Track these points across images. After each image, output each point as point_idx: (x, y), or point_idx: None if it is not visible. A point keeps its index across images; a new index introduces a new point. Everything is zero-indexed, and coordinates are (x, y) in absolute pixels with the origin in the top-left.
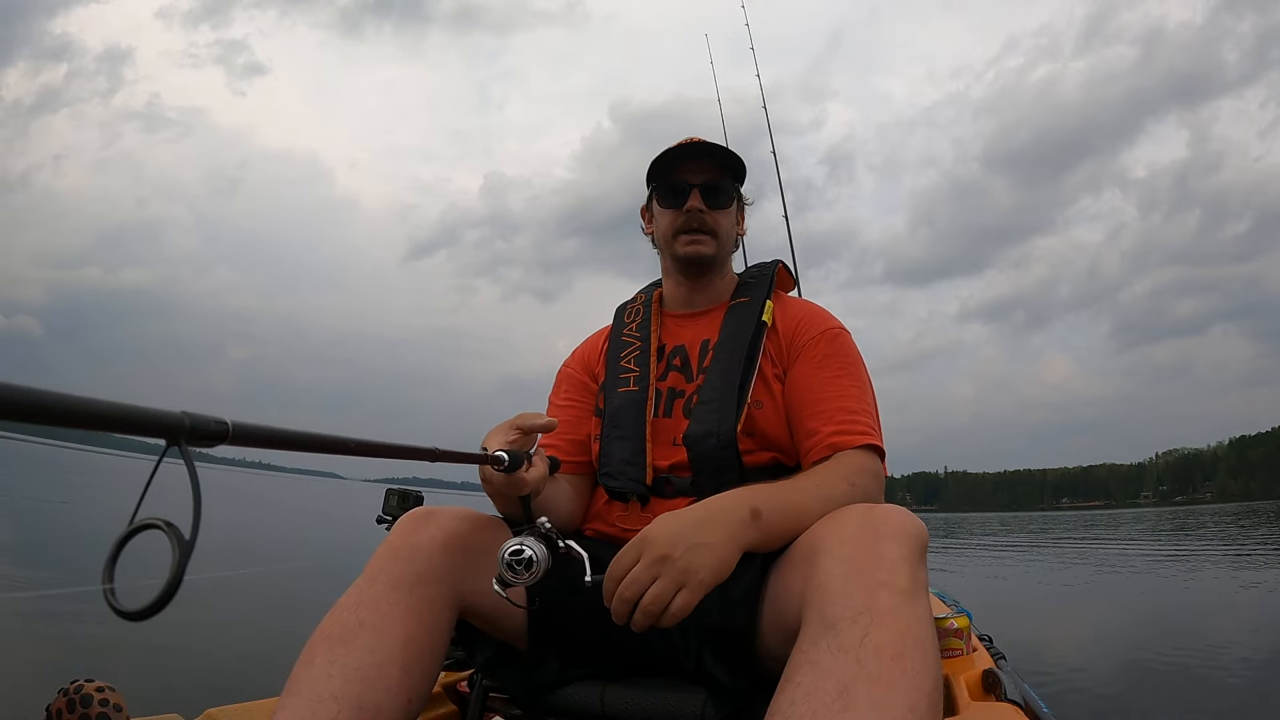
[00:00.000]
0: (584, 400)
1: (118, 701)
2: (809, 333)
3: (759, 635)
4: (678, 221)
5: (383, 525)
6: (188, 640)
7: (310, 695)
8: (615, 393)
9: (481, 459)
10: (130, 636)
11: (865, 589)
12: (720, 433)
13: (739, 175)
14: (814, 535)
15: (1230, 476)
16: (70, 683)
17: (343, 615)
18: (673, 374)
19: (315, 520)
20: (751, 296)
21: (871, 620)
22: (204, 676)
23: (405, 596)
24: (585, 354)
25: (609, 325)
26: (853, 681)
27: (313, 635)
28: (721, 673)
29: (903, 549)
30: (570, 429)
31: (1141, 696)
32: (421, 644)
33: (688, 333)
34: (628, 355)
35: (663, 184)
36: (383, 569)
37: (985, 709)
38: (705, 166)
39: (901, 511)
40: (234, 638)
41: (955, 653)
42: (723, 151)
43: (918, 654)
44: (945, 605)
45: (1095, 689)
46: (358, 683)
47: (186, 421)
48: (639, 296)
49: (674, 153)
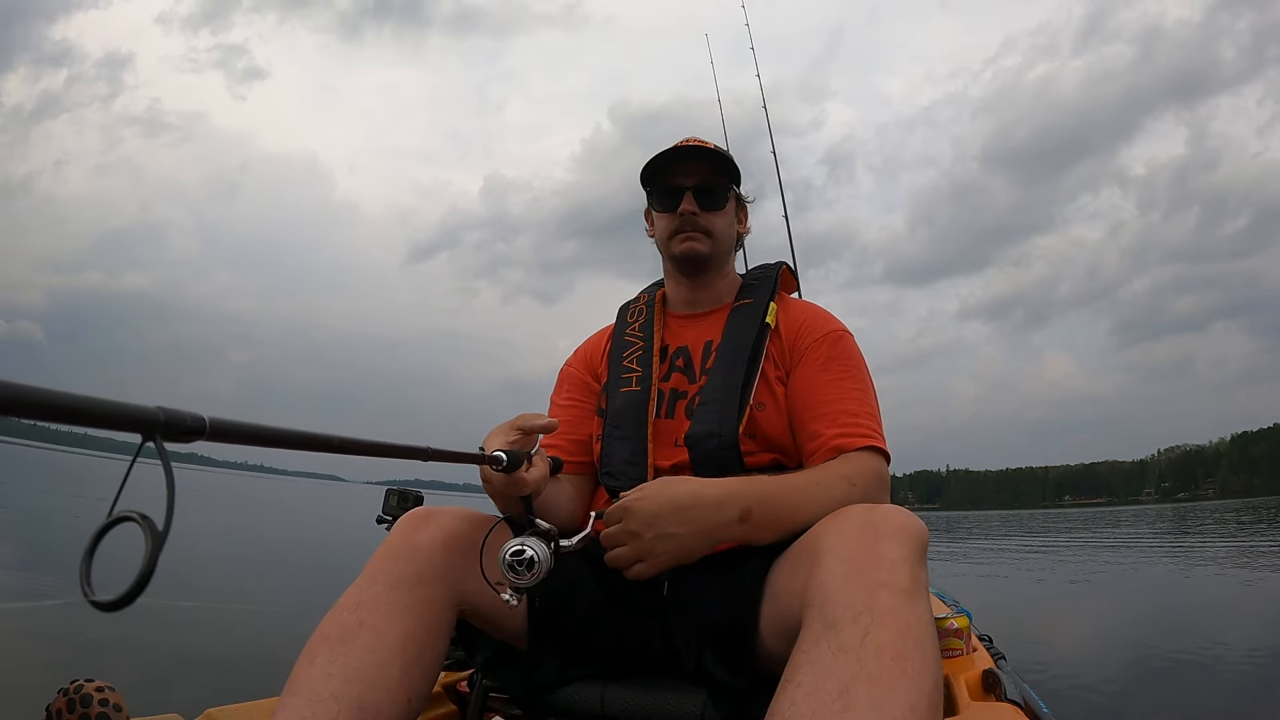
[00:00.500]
0: (586, 400)
1: (117, 701)
2: (812, 335)
3: (759, 635)
4: (673, 224)
5: (382, 525)
6: (188, 640)
7: (310, 695)
8: (618, 393)
9: (479, 459)
10: (130, 637)
11: (866, 589)
12: (722, 434)
13: (734, 175)
14: (815, 535)
15: (1233, 473)
16: (70, 683)
17: (343, 615)
18: (676, 375)
19: (314, 522)
20: (755, 298)
21: (872, 620)
22: (204, 676)
23: (405, 596)
24: (588, 353)
25: (611, 325)
26: (853, 681)
27: (313, 635)
28: (722, 672)
29: (903, 549)
30: (572, 429)
31: (1142, 695)
32: (421, 644)
33: (691, 333)
34: (630, 355)
35: (656, 188)
36: (383, 569)
37: (985, 709)
38: (698, 168)
39: (902, 512)
40: (233, 638)
41: (955, 653)
42: (713, 153)
43: (918, 654)
44: (945, 605)
45: (1096, 688)
46: (358, 682)
47: (161, 416)
48: (642, 296)
49: (666, 156)
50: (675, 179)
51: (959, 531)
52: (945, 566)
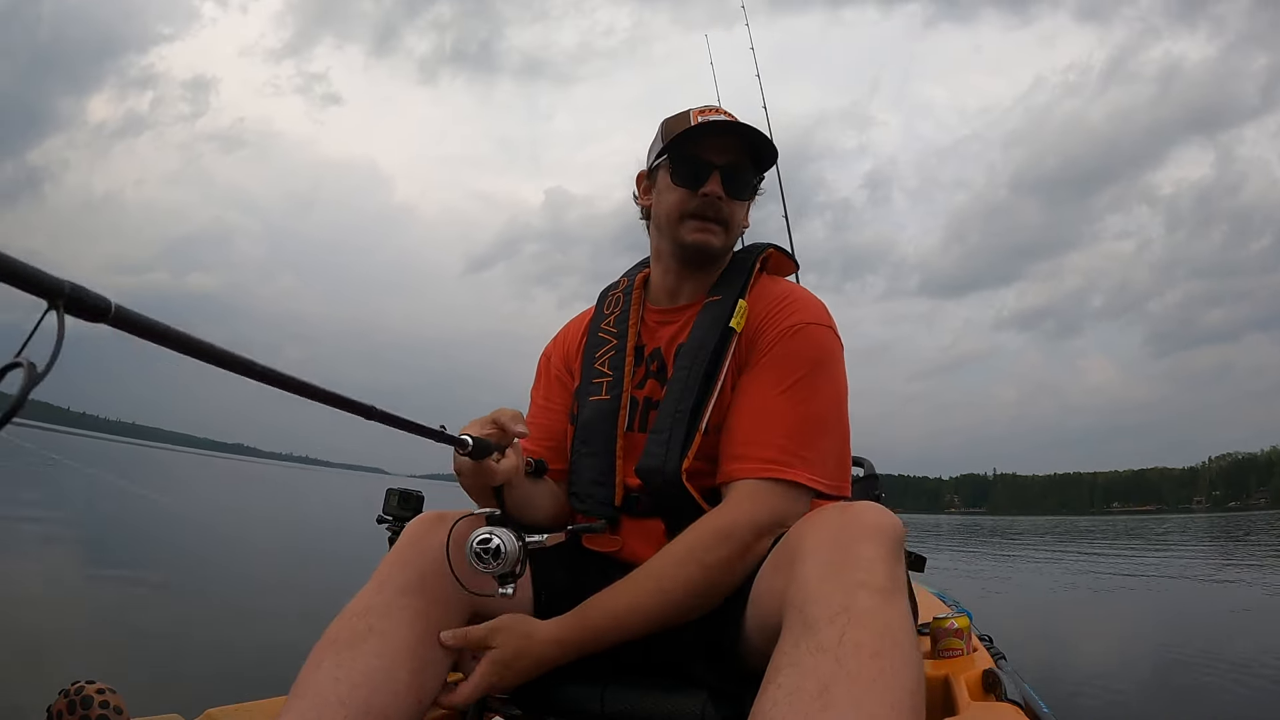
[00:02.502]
0: (564, 399)
1: (118, 704)
2: (772, 329)
3: (745, 638)
4: (689, 204)
5: (382, 525)
6: (188, 640)
7: (317, 699)
8: (587, 401)
9: (441, 436)
10: (131, 637)
11: (843, 589)
12: (665, 470)
13: (761, 164)
14: (793, 537)
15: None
16: (71, 684)
17: (351, 620)
18: (651, 381)
19: (342, 514)
20: (724, 294)
21: (849, 620)
22: (204, 676)
23: (414, 601)
24: (566, 341)
25: (593, 308)
26: (833, 680)
27: (320, 639)
28: (713, 677)
29: (879, 548)
30: (548, 435)
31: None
32: (430, 649)
33: (666, 332)
34: (603, 356)
35: (680, 156)
36: (392, 574)
37: (985, 709)
38: (730, 145)
39: (878, 510)
40: (234, 638)
41: (955, 653)
42: (752, 131)
43: (896, 652)
44: (945, 605)
45: (1102, 693)
46: (365, 687)
47: (67, 288)
48: (621, 282)
49: (700, 128)
50: (706, 153)
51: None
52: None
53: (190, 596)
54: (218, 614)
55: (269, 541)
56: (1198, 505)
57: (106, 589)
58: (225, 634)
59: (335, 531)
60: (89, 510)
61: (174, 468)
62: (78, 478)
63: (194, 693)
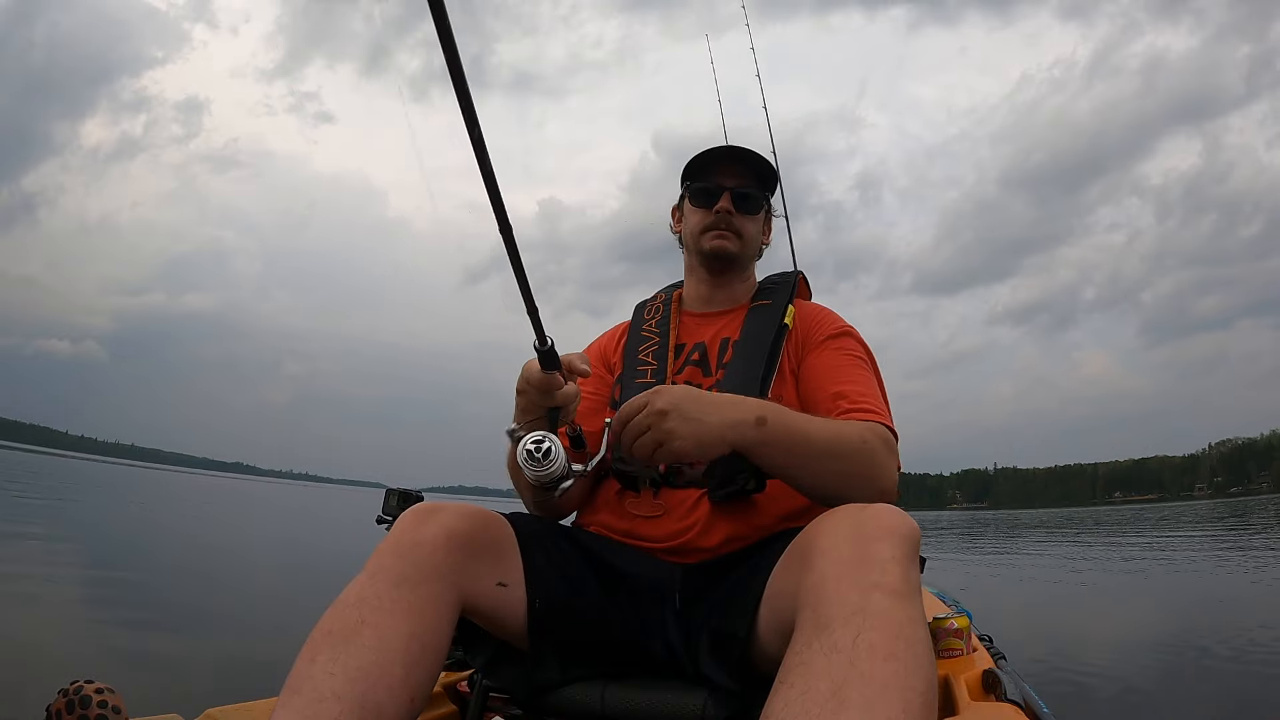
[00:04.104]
0: (599, 392)
1: (117, 703)
2: (822, 331)
3: (757, 637)
4: (707, 220)
5: (383, 526)
6: (188, 640)
7: (311, 694)
8: (632, 384)
9: (537, 322)
10: (131, 637)
11: (858, 590)
12: None
13: (768, 185)
14: (808, 536)
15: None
16: (70, 683)
17: (344, 611)
18: (689, 368)
19: (335, 529)
20: (773, 300)
21: (864, 621)
22: (204, 676)
23: (408, 594)
24: (603, 347)
25: (627, 321)
26: (845, 682)
27: (313, 631)
28: (721, 675)
29: (895, 549)
30: (585, 419)
31: (1148, 696)
32: (424, 642)
33: (707, 330)
34: (646, 350)
35: (696, 184)
36: (384, 565)
37: (985, 709)
38: (739, 172)
39: (894, 511)
40: (234, 638)
41: (955, 653)
42: (755, 157)
43: (910, 654)
44: (945, 605)
45: (1102, 693)
46: (359, 682)
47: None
48: (659, 295)
49: (710, 155)
50: (717, 179)
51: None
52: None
53: (190, 597)
54: (217, 614)
55: (268, 548)
56: (1200, 492)
57: (106, 589)
58: (224, 634)
59: (333, 539)
60: (89, 518)
61: (174, 487)
62: (79, 496)
63: (193, 693)
